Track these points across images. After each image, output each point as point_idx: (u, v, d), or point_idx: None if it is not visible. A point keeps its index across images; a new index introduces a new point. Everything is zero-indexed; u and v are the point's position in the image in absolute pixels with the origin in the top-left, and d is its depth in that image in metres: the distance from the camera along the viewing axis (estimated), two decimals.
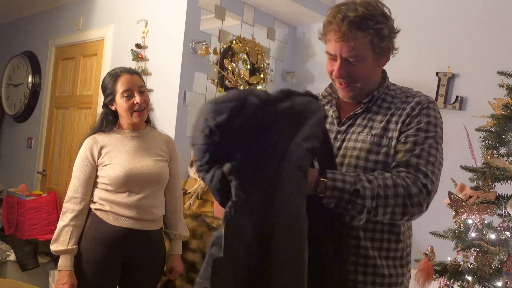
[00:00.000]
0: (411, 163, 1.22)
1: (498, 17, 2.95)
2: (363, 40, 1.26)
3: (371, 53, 1.29)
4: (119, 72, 2.09)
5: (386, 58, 1.35)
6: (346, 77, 1.32)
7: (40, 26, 4.61)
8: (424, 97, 1.33)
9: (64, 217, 2.01)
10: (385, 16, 1.29)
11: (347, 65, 1.29)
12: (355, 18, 1.23)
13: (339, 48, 1.27)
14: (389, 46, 1.33)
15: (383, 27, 1.27)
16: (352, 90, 1.35)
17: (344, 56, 1.28)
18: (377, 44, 1.27)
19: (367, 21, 1.24)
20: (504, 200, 2.08)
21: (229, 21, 3.45)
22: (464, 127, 2.38)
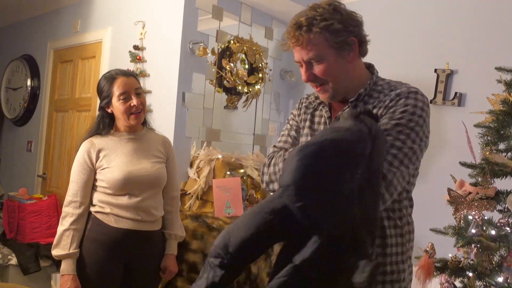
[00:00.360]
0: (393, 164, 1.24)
1: (496, 13, 2.95)
2: (315, 40, 1.29)
3: (331, 50, 1.30)
4: (114, 74, 2.08)
5: (353, 53, 1.34)
6: (314, 79, 1.35)
7: (38, 30, 4.61)
8: (406, 88, 1.32)
9: (64, 221, 2.00)
10: (337, 12, 1.31)
11: (311, 67, 1.34)
12: (304, 22, 1.29)
13: (299, 53, 1.33)
14: (352, 40, 1.32)
15: (333, 23, 1.28)
16: (326, 90, 1.37)
17: (305, 59, 1.33)
18: (332, 40, 1.29)
19: (312, 21, 1.28)
20: (504, 195, 2.08)
21: (227, 21, 3.45)
22: (463, 123, 2.38)
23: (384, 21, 3.41)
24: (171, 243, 2.23)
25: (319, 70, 1.32)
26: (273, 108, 3.87)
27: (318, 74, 1.33)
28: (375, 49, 1.41)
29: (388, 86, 1.37)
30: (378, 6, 3.47)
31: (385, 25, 3.39)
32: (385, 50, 3.33)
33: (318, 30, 1.28)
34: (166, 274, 2.20)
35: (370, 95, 1.37)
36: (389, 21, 3.39)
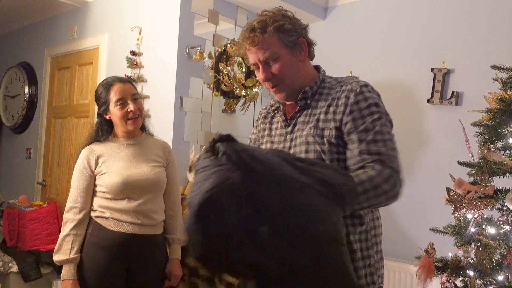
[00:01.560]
0: (372, 150, 1.29)
1: (491, 12, 2.96)
2: (270, 39, 1.38)
3: (285, 49, 1.39)
4: (111, 81, 2.11)
5: (304, 53, 1.44)
6: (271, 78, 1.42)
7: (35, 37, 4.61)
8: (356, 83, 1.39)
9: (65, 227, 2.03)
10: (286, 16, 1.42)
11: (268, 67, 1.40)
12: (257, 24, 1.38)
13: (255, 54, 1.40)
14: (302, 40, 1.43)
15: (284, 23, 1.38)
16: (283, 89, 1.44)
17: (262, 59, 1.39)
18: (285, 38, 1.39)
19: (266, 23, 1.38)
20: (502, 194, 2.09)
21: (223, 25, 3.45)
22: (460, 122, 2.38)
23: (381, 21, 3.42)
24: (175, 247, 2.24)
25: (275, 68, 1.39)
26: None
27: (275, 71, 1.40)
28: (373, 49, 1.44)
29: (336, 82, 1.45)
30: (375, 6, 3.48)
31: (381, 25, 3.40)
32: (382, 50, 3.34)
33: (272, 29, 1.37)
34: (172, 279, 2.21)
35: (320, 93, 1.45)
36: (386, 21, 3.40)
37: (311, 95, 1.45)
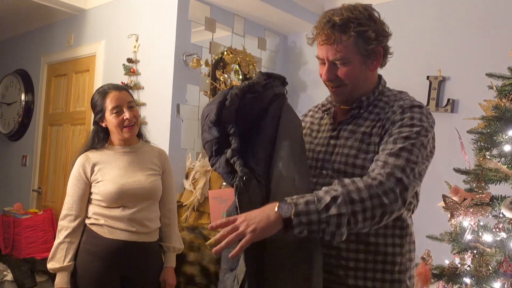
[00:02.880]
0: (389, 161, 1.19)
1: (486, 20, 2.98)
2: (346, 42, 1.28)
3: (358, 56, 1.30)
4: (107, 89, 2.11)
5: (377, 62, 1.36)
6: (334, 80, 1.34)
7: (31, 44, 4.62)
8: (409, 101, 1.32)
9: (60, 234, 2.03)
10: (372, 20, 1.31)
11: (334, 68, 1.32)
12: (339, 21, 1.27)
13: (325, 51, 1.31)
14: (379, 50, 1.33)
15: (367, 30, 1.28)
16: (342, 93, 1.36)
17: (331, 59, 1.31)
18: (362, 46, 1.29)
19: (349, 24, 1.27)
20: (498, 201, 2.09)
21: (220, 32, 3.47)
22: (456, 130, 2.39)
23: None
24: (170, 256, 2.23)
25: (342, 72, 1.32)
26: None
27: (340, 75, 1.32)
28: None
29: (394, 97, 1.37)
30: None
31: None
32: None
33: (353, 34, 1.27)
34: (166, 287, 2.19)
35: (375, 105, 1.37)
36: None
37: (366, 105, 1.37)
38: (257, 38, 3.77)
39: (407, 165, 1.18)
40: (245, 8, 3.50)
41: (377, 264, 1.28)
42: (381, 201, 1.13)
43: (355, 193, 1.12)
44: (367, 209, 1.12)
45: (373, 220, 1.14)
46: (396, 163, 1.18)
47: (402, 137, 1.23)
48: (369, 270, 1.28)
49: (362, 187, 1.13)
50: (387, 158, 1.20)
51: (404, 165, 1.18)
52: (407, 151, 1.20)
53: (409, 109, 1.29)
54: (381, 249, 1.28)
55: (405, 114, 1.27)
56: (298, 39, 4.01)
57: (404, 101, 1.32)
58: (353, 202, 1.11)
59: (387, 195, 1.13)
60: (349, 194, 1.12)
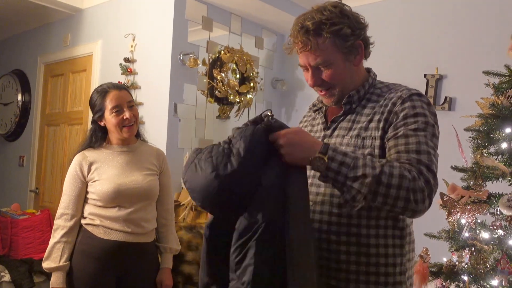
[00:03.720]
0: (411, 158, 1.15)
1: (482, 19, 2.99)
2: (323, 45, 1.26)
3: (339, 55, 1.28)
4: (107, 88, 2.09)
5: (359, 56, 1.33)
6: (321, 84, 1.32)
7: (28, 44, 4.60)
8: (406, 90, 1.29)
9: (56, 234, 2.01)
10: (345, 15, 1.28)
11: (318, 72, 1.30)
12: (312, 26, 1.25)
13: (305, 58, 1.29)
14: (359, 43, 1.31)
15: (342, 27, 1.26)
16: (332, 95, 1.34)
17: (312, 65, 1.29)
18: (341, 44, 1.27)
19: (321, 26, 1.24)
20: (496, 198, 2.09)
21: (217, 31, 3.46)
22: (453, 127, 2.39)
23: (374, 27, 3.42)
24: (166, 257, 2.22)
25: (326, 75, 1.29)
26: None
27: (326, 79, 1.30)
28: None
29: (387, 89, 1.35)
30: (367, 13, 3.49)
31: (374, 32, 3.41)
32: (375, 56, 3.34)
33: (327, 35, 1.24)
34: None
35: (368, 99, 1.34)
36: (379, 28, 3.41)
37: (357, 99, 1.34)
38: (254, 37, 3.77)
39: (432, 164, 1.16)
40: (242, 7, 3.50)
41: (379, 267, 1.25)
42: (407, 197, 1.11)
43: (386, 176, 1.10)
44: (390, 196, 1.10)
45: (393, 208, 1.13)
46: (422, 160, 1.15)
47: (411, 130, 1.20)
48: (371, 273, 1.25)
49: (396, 174, 1.11)
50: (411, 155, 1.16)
51: (429, 164, 1.16)
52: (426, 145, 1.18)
53: (408, 99, 1.25)
54: (381, 251, 1.25)
55: (405, 104, 1.24)
56: None
57: (402, 91, 1.29)
58: (380, 183, 1.10)
59: (415, 193, 1.11)
60: (380, 176, 1.10)
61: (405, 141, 1.19)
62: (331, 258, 1.27)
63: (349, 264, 1.25)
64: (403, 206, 1.11)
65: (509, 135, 2.11)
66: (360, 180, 1.11)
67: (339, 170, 1.12)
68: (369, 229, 1.25)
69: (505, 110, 2.13)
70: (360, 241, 1.25)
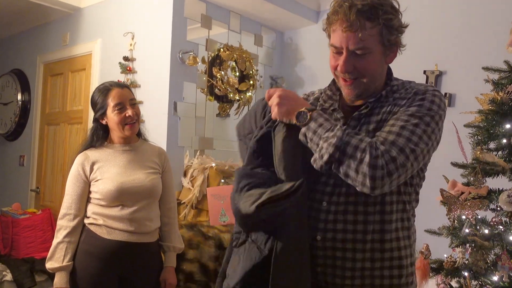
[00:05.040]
0: (388, 138, 1.12)
1: (482, 15, 2.98)
2: (371, 31, 1.17)
3: (380, 46, 1.20)
4: (109, 86, 2.09)
5: (393, 54, 1.26)
6: (352, 72, 1.22)
7: (27, 44, 4.60)
8: (423, 87, 1.24)
9: (59, 234, 2.01)
10: (394, 8, 1.22)
11: (353, 58, 1.20)
12: (364, 7, 1.16)
13: (346, 39, 1.18)
14: (398, 41, 1.25)
15: (393, 18, 1.19)
16: (358, 86, 1.25)
17: (351, 48, 1.19)
18: (386, 36, 1.19)
19: (376, 10, 1.16)
20: (496, 194, 2.09)
21: (216, 29, 3.46)
22: (453, 124, 2.39)
23: None
24: (170, 255, 2.22)
25: (361, 63, 1.20)
26: None
27: (358, 67, 1.21)
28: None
29: (403, 87, 1.29)
30: None
31: None
32: None
33: (379, 22, 1.16)
34: (166, 287, 2.19)
35: (386, 96, 1.27)
36: None
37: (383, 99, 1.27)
38: (253, 34, 3.76)
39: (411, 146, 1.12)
40: (241, 5, 3.49)
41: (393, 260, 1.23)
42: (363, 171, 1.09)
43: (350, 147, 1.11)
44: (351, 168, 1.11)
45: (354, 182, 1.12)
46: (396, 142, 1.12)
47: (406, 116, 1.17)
48: (376, 277, 1.22)
49: (361, 147, 1.10)
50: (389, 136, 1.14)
51: (406, 145, 1.11)
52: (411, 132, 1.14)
53: (422, 92, 1.22)
54: (395, 254, 1.23)
55: (418, 96, 1.21)
56: (295, 35, 4.00)
57: (418, 88, 1.24)
58: (344, 153, 1.11)
59: (374, 169, 1.08)
60: (346, 147, 1.11)
61: (393, 122, 1.17)
62: (346, 257, 1.22)
63: (364, 262, 1.22)
64: (362, 180, 1.09)
65: (508, 131, 2.11)
66: (329, 140, 1.13)
67: (315, 130, 1.17)
68: (384, 225, 1.22)
69: (505, 106, 2.14)
70: (375, 238, 1.22)
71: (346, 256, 1.22)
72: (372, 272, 1.22)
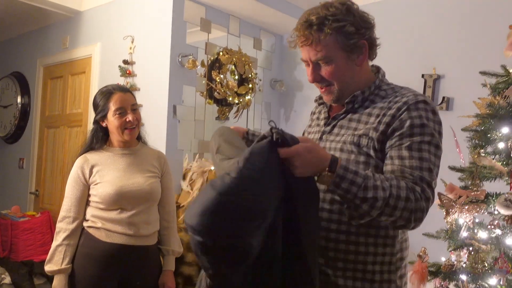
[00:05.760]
0: (415, 174, 1.17)
1: (479, 19, 3.00)
2: (325, 40, 1.26)
3: (341, 52, 1.28)
4: (112, 89, 2.09)
5: (363, 56, 1.32)
6: (320, 80, 1.33)
7: (27, 47, 4.61)
8: (413, 96, 1.27)
9: (58, 237, 2.02)
10: (351, 13, 1.28)
11: (318, 68, 1.31)
12: (316, 20, 1.25)
13: (307, 53, 1.30)
14: (362, 43, 1.30)
15: (345, 25, 1.25)
16: (331, 92, 1.34)
17: (313, 60, 1.30)
18: (343, 42, 1.27)
19: (324, 21, 1.25)
20: (493, 198, 2.10)
21: (215, 33, 3.48)
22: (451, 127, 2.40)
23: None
24: (169, 259, 2.22)
25: (326, 71, 1.30)
26: (264, 118, 3.89)
27: (325, 75, 1.30)
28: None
29: (393, 91, 1.33)
30: None
31: None
32: None
33: (329, 31, 1.25)
34: None
35: (372, 101, 1.33)
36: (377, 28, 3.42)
37: (360, 100, 1.33)
38: (252, 38, 3.78)
39: (432, 180, 1.21)
40: (240, 9, 3.51)
41: (367, 265, 1.27)
42: (409, 217, 1.15)
43: (393, 199, 1.13)
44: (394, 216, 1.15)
45: (393, 224, 1.19)
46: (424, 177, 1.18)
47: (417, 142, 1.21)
48: (358, 270, 1.27)
49: (403, 196, 1.13)
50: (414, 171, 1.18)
51: (430, 181, 1.19)
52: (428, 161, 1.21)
53: (415, 106, 1.24)
54: (370, 249, 1.27)
55: (412, 113, 1.23)
56: None
57: (408, 97, 1.27)
58: (387, 205, 1.13)
59: (416, 213, 1.15)
60: (388, 198, 1.12)
61: (409, 154, 1.20)
62: None
63: (336, 261, 1.27)
64: (403, 224, 1.16)
65: (506, 135, 2.12)
66: (370, 202, 1.12)
67: (348, 189, 1.13)
68: (359, 228, 1.26)
69: (502, 110, 2.15)
70: (349, 239, 1.27)
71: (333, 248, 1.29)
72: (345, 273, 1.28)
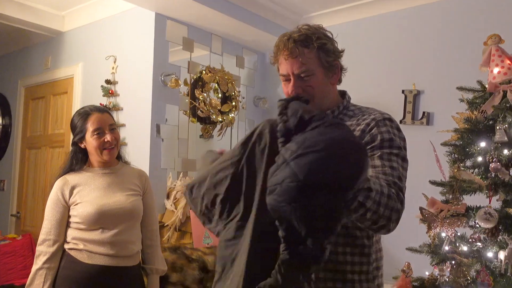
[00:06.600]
0: (389, 179, 1.21)
1: (457, 36, 3.08)
2: (310, 54, 1.34)
3: (321, 68, 1.36)
4: (89, 110, 2.09)
5: (336, 76, 1.41)
6: (301, 94, 1.35)
7: (8, 68, 4.58)
8: (379, 114, 1.36)
9: (38, 260, 1.98)
10: (327, 36, 1.39)
11: (300, 82, 1.36)
12: (300, 37, 1.34)
13: (290, 66, 1.35)
14: (337, 63, 1.40)
15: (326, 43, 1.36)
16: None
17: (296, 73, 1.35)
18: (323, 58, 1.35)
19: (309, 38, 1.34)
20: (473, 211, 2.13)
21: (198, 51, 3.50)
22: (430, 142, 2.44)
23: (353, 45, 3.50)
24: (153, 279, 2.19)
25: (308, 85, 1.36)
26: None
27: (306, 89, 1.36)
28: (345, 72, 1.46)
29: (360, 111, 1.41)
30: (346, 31, 3.57)
31: (354, 49, 3.49)
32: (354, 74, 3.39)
33: (314, 46, 1.33)
34: None
35: (341, 119, 1.40)
36: (358, 46, 3.49)
37: None
38: (235, 56, 3.81)
39: (403, 188, 1.24)
40: (222, 28, 3.54)
41: (346, 274, 1.29)
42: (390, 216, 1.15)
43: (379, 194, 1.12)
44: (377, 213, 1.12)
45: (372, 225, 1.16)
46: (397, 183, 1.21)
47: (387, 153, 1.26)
48: (338, 280, 1.28)
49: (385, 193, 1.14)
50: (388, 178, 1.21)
51: (402, 187, 1.23)
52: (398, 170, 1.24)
53: (382, 122, 1.33)
54: (348, 258, 1.29)
55: (382, 128, 1.31)
56: None
57: (375, 115, 1.36)
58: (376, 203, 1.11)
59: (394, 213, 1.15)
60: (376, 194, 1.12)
61: (381, 163, 1.25)
62: None
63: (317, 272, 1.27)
64: (384, 224, 1.14)
65: (484, 148, 2.16)
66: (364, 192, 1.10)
67: None
68: (338, 237, 1.27)
69: (480, 124, 2.19)
70: None
71: None
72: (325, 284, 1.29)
